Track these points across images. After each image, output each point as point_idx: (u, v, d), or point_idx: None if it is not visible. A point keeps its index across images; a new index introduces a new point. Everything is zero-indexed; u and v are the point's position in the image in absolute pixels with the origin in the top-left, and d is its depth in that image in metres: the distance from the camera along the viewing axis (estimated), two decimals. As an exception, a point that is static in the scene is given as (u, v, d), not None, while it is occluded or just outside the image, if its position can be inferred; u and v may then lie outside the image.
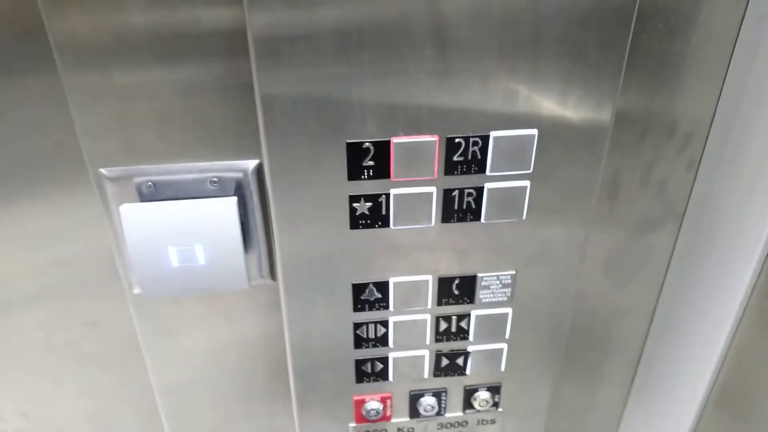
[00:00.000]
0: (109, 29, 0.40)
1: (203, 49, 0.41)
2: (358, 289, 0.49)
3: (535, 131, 0.42)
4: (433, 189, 0.44)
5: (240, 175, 0.47)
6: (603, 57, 0.40)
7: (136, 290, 0.50)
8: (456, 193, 0.45)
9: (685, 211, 0.53)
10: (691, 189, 0.51)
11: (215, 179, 0.46)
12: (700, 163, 0.50)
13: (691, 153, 0.49)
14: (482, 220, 0.46)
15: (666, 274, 0.56)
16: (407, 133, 0.42)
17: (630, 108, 0.46)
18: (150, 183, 0.46)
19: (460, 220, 0.46)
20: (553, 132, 0.43)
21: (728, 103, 0.48)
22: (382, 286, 0.49)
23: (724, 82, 0.46)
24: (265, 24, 0.37)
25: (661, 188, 0.51)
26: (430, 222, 0.46)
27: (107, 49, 0.41)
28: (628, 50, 0.40)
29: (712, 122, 0.48)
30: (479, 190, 0.45)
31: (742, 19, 0.44)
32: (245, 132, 0.45)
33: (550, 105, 0.41)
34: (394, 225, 0.46)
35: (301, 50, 0.38)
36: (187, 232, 0.46)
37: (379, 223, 0.46)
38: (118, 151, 0.45)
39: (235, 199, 0.46)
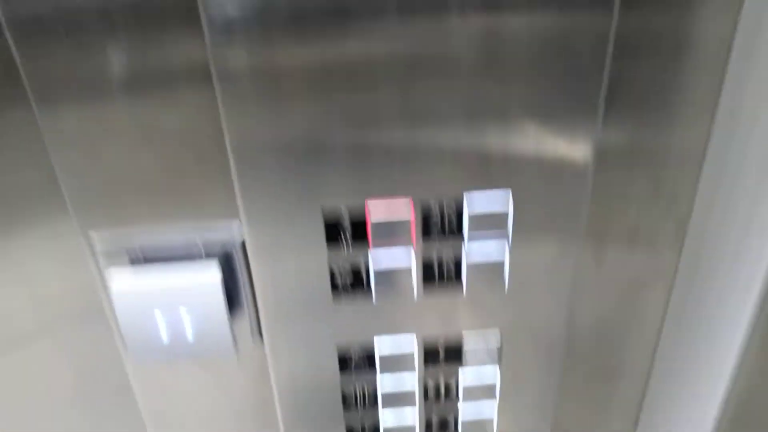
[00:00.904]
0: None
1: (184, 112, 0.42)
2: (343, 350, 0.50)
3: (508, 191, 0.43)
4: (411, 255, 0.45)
5: (226, 236, 0.47)
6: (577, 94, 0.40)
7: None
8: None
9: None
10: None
11: (199, 241, 0.47)
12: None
13: (678, 212, 0.48)
14: (464, 292, 0.47)
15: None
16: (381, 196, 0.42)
17: (613, 148, 0.45)
18: (137, 247, 0.47)
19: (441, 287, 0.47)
20: (528, 190, 0.43)
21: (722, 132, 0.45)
22: (368, 348, 0.50)
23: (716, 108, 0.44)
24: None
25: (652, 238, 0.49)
26: (413, 296, 0.47)
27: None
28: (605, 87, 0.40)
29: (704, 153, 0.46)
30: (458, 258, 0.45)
31: (732, 40, 0.41)
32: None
33: (524, 162, 0.42)
34: (376, 301, 0.47)
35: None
36: (172, 297, 0.46)
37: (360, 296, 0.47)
38: (106, 214, 0.45)
39: (215, 261, 0.46)
